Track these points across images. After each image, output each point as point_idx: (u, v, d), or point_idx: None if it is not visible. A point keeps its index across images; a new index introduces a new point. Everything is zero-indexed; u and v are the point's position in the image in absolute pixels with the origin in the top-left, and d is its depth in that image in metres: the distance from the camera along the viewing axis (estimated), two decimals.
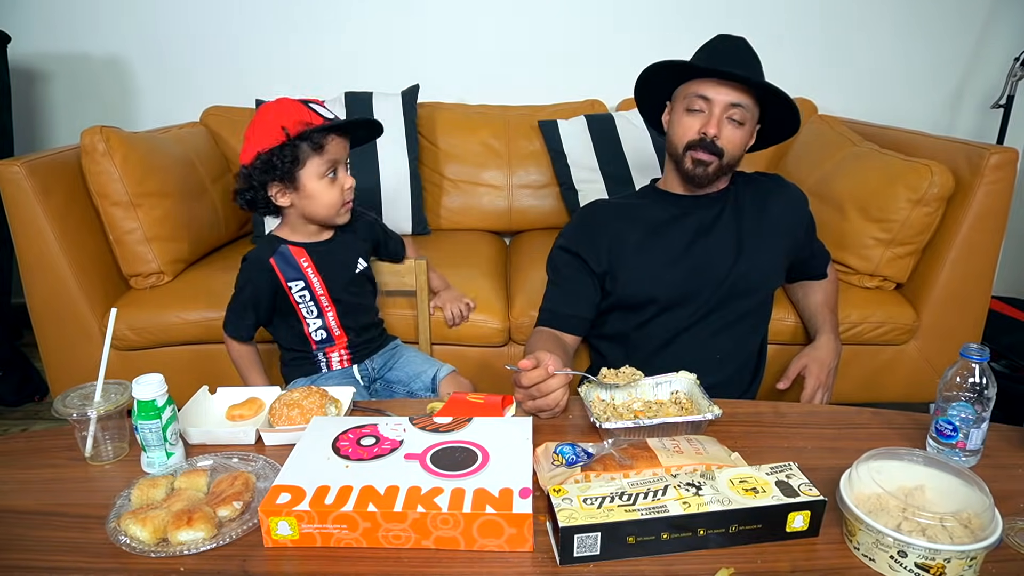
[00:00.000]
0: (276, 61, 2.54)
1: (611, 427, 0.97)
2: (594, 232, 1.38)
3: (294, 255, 1.34)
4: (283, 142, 1.22)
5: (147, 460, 0.93)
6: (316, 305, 1.38)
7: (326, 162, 1.26)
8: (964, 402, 0.89)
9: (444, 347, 1.79)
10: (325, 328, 1.40)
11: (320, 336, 1.41)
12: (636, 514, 0.74)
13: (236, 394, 1.11)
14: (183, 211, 1.94)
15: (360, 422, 0.95)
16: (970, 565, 0.70)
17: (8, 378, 2.21)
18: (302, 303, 1.37)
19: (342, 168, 1.30)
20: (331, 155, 1.26)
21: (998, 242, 1.78)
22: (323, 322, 1.40)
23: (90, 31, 2.50)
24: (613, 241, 1.36)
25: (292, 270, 1.34)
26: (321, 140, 1.24)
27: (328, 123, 1.25)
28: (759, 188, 1.43)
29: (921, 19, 2.55)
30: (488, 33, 2.55)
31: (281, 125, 1.22)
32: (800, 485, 0.78)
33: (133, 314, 1.79)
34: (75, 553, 0.78)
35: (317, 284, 1.36)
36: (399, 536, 0.77)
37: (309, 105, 1.26)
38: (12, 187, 1.67)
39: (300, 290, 1.36)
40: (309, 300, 1.37)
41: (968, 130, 2.68)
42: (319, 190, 1.28)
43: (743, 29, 2.52)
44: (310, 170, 1.26)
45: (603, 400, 1.08)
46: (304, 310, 1.38)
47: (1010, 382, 1.95)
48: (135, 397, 0.90)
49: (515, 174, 2.41)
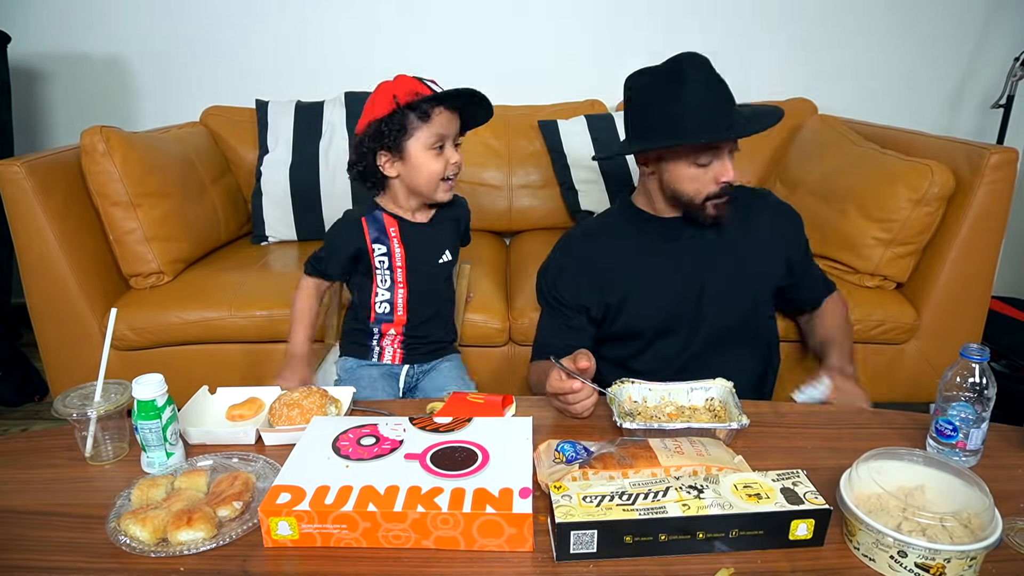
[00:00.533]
0: (276, 61, 2.54)
1: (630, 427, 0.96)
2: (577, 272, 1.36)
3: (385, 221, 1.36)
4: (392, 110, 1.25)
5: (147, 460, 0.93)
6: (391, 276, 1.38)
7: (433, 134, 1.28)
8: (964, 402, 0.89)
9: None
10: (391, 303, 1.40)
11: (383, 309, 1.40)
12: (634, 514, 0.74)
13: (236, 394, 1.11)
14: (183, 211, 1.94)
15: (360, 422, 0.95)
16: (970, 565, 0.70)
17: (8, 378, 2.21)
18: (379, 269, 1.37)
19: (450, 143, 1.32)
20: (438, 128, 1.28)
21: (998, 242, 1.78)
22: (391, 296, 1.39)
23: (90, 31, 2.50)
24: (596, 280, 1.34)
25: (379, 233, 1.36)
26: (429, 110, 1.26)
27: (435, 94, 1.27)
28: (747, 208, 1.36)
29: (921, 19, 2.55)
30: (488, 33, 2.55)
31: (393, 94, 1.25)
32: (806, 493, 0.78)
33: (133, 314, 1.79)
34: (75, 553, 0.78)
35: (399, 256, 1.36)
36: (399, 536, 0.77)
37: (423, 81, 1.29)
38: (12, 187, 1.68)
39: (381, 255, 1.36)
40: (386, 268, 1.37)
41: (968, 130, 2.68)
42: (424, 160, 1.29)
43: (743, 29, 2.55)
44: (417, 140, 1.28)
45: (635, 401, 1.07)
46: (379, 278, 1.38)
47: (1010, 382, 1.95)
48: (135, 397, 0.90)
49: (515, 174, 2.41)
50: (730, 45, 2.57)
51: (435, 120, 1.28)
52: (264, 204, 2.21)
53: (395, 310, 1.40)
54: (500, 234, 2.48)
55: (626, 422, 0.97)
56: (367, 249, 1.35)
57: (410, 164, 1.30)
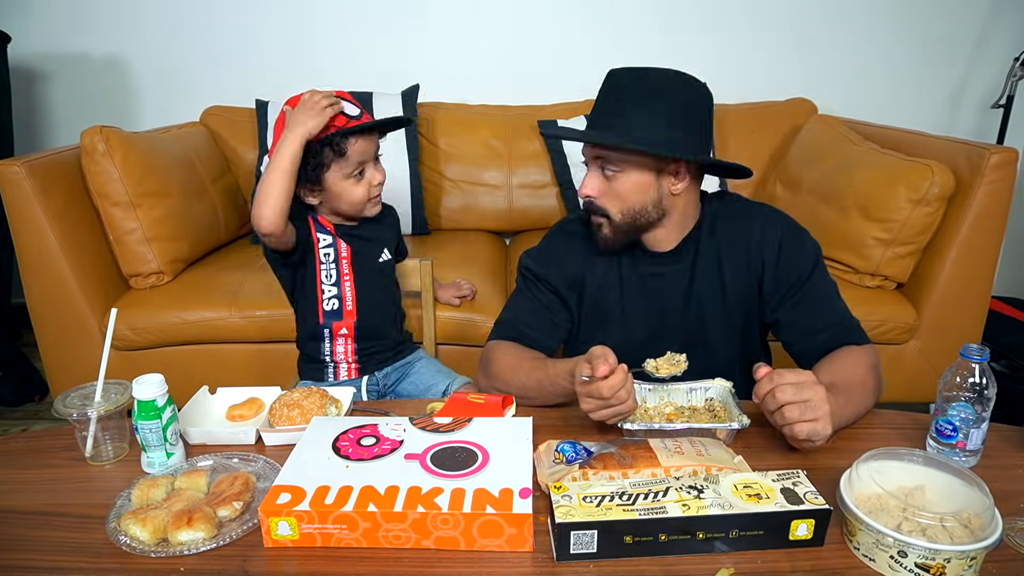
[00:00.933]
0: (276, 61, 2.55)
1: (633, 428, 0.95)
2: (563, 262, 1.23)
3: (323, 224, 1.32)
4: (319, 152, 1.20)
5: (147, 460, 0.93)
6: (336, 269, 1.32)
7: (351, 164, 1.23)
8: (964, 402, 0.89)
9: (445, 347, 1.79)
10: (339, 298, 1.34)
11: (331, 306, 1.34)
12: (634, 514, 0.74)
13: (236, 394, 1.11)
14: (183, 211, 1.95)
15: (360, 422, 0.95)
16: (970, 565, 0.70)
17: (8, 378, 2.21)
18: (324, 262, 1.32)
19: (370, 164, 1.27)
20: (356, 157, 1.23)
21: (998, 242, 1.78)
22: (338, 290, 1.34)
23: (90, 31, 2.50)
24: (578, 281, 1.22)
25: (323, 229, 1.31)
26: (343, 145, 1.21)
27: (348, 128, 1.20)
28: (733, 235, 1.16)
29: (921, 19, 2.55)
30: (488, 33, 2.55)
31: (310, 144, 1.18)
32: (806, 493, 0.78)
33: (133, 314, 1.79)
34: (75, 553, 0.77)
35: (344, 248, 1.32)
36: (399, 536, 0.77)
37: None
38: (12, 187, 1.68)
39: (326, 247, 1.31)
40: (331, 261, 1.32)
41: (968, 130, 2.68)
42: (344, 188, 1.25)
43: (743, 29, 2.55)
44: (335, 172, 1.23)
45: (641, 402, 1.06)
46: (324, 273, 1.32)
47: (1010, 382, 1.95)
48: (135, 397, 0.90)
49: (515, 174, 2.41)
50: (730, 45, 2.57)
51: (352, 151, 1.22)
52: None
53: (344, 304, 1.35)
54: (500, 234, 2.49)
55: (627, 423, 0.96)
56: (312, 237, 1.29)
57: (331, 193, 1.26)
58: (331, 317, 1.35)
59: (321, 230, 1.31)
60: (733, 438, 0.98)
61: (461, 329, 1.79)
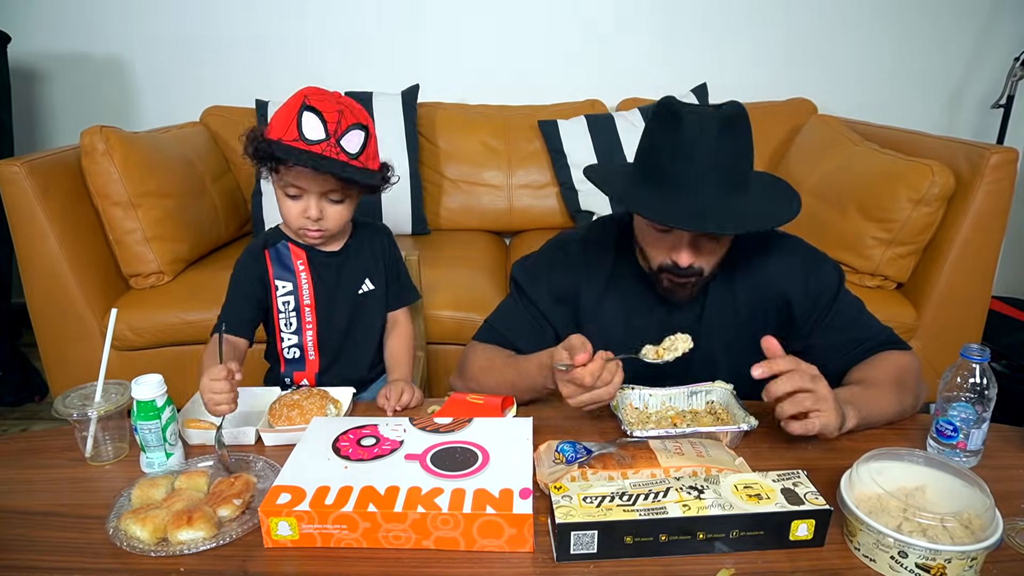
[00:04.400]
0: (276, 61, 2.55)
1: (643, 435, 0.94)
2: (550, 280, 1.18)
3: (292, 254, 1.21)
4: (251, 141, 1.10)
5: (147, 460, 0.93)
6: (297, 317, 1.22)
7: (286, 183, 1.12)
8: (964, 402, 0.89)
9: (443, 347, 1.79)
10: (300, 347, 1.23)
11: (291, 355, 1.24)
12: (635, 514, 0.74)
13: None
14: (183, 211, 1.95)
15: (360, 422, 0.95)
16: (971, 566, 0.70)
17: (8, 378, 2.21)
18: (283, 311, 1.21)
19: (312, 196, 1.12)
20: (291, 179, 1.11)
21: (998, 242, 1.78)
22: (299, 339, 1.23)
23: (90, 31, 2.50)
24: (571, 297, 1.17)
25: (284, 269, 1.20)
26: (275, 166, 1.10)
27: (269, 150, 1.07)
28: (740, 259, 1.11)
29: (921, 19, 2.55)
30: (488, 33, 2.55)
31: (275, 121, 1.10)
32: (806, 494, 0.78)
33: (133, 314, 1.79)
34: (75, 553, 0.77)
35: (306, 293, 1.21)
36: (399, 536, 0.77)
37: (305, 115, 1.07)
38: (12, 187, 1.68)
39: (285, 294, 1.21)
40: (291, 309, 1.21)
41: (968, 130, 2.68)
42: (280, 199, 1.15)
43: (743, 29, 2.55)
44: (274, 177, 1.14)
45: (636, 408, 1.06)
46: (283, 320, 1.22)
47: (1010, 382, 1.95)
48: (134, 397, 0.90)
49: (515, 174, 2.41)
50: (731, 45, 2.57)
51: (286, 175, 1.11)
52: (264, 204, 2.21)
53: (306, 355, 1.24)
54: (500, 234, 2.48)
55: (636, 430, 0.95)
56: (269, 287, 1.20)
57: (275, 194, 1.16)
58: (293, 366, 1.26)
59: (279, 273, 1.20)
60: (740, 439, 0.98)
61: (458, 329, 1.79)
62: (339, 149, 1.07)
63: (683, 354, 0.98)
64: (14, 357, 2.25)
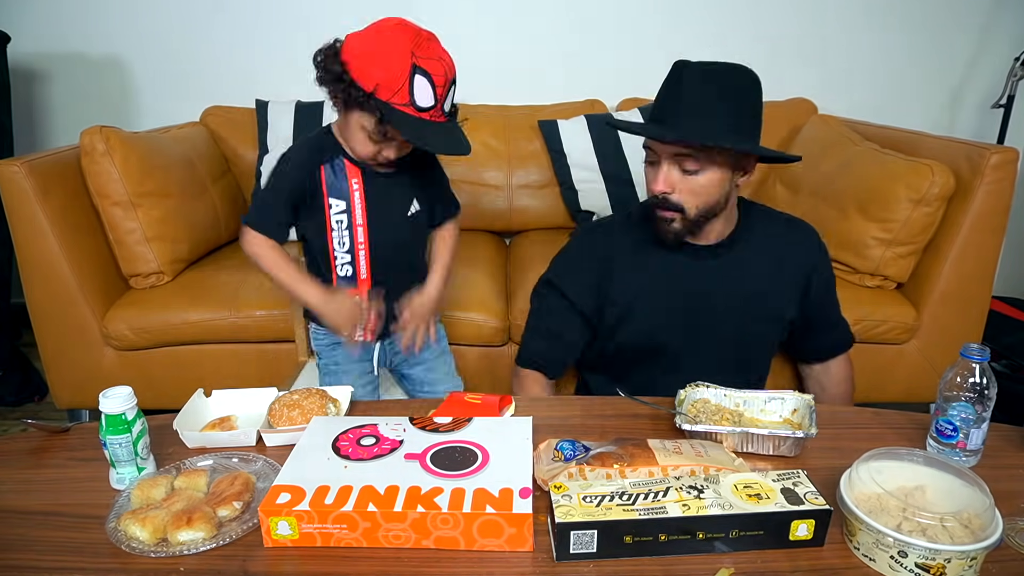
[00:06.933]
0: (276, 61, 2.54)
1: (690, 428, 0.93)
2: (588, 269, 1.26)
3: (347, 172, 1.18)
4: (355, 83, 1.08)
5: (117, 477, 0.89)
6: (350, 237, 1.20)
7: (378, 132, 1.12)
8: (964, 402, 0.89)
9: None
10: (352, 265, 1.23)
11: (344, 272, 1.24)
12: (634, 514, 0.74)
13: (232, 396, 1.09)
14: (183, 211, 1.94)
15: (360, 422, 0.95)
16: (970, 565, 0.70)
17: (8, 378, 2.21)
18: (336, 230, 1.20)
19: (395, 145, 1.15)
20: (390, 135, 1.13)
21: (998, 242, 1.78)
22: (351, 258, 1.23)
23: (90, 31, 2.50)
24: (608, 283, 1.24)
25: (339, 187, 1.18)
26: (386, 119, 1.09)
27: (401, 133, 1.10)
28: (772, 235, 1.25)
29: (921, 19, 2.55)
30: (488, 33, 2.55)
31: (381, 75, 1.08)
32: (806, 493, 0.78)
33: (133, 314, 1.79)
34: (75, 553, 0.77)
35: (359, 214, 1.19)
36: (399, 536, 0.77)
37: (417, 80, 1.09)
38: (12, 187, 1.67)
39: (339, 212, 1.19)
40: (344, 228, 1.20)
41: (968, 130, 2.68)
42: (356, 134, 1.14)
43: (743, 29, 2.55)
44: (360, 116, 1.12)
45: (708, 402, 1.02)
46: (336, 239, 1.21)
47: (1010, 382, 1.95)
48: (102, 411, 0.86)
49: (515, 174, 2.41)
50: (730, 44, 2.57)
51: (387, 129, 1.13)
52: None
53: (358, 273, 1.23)
54: (500, 234, 2.48)
55: (686, 424, 0.94)
56: (323, 203, 1.18)
57: (346, 125, 1.15)
58: (344, 283, 1.26)
59: (337, 193, 1.18)
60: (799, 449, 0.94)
61: (457, 328, 1.79)
62: (442, 113, 1.15)
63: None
64: (14, 357, 2.25)
